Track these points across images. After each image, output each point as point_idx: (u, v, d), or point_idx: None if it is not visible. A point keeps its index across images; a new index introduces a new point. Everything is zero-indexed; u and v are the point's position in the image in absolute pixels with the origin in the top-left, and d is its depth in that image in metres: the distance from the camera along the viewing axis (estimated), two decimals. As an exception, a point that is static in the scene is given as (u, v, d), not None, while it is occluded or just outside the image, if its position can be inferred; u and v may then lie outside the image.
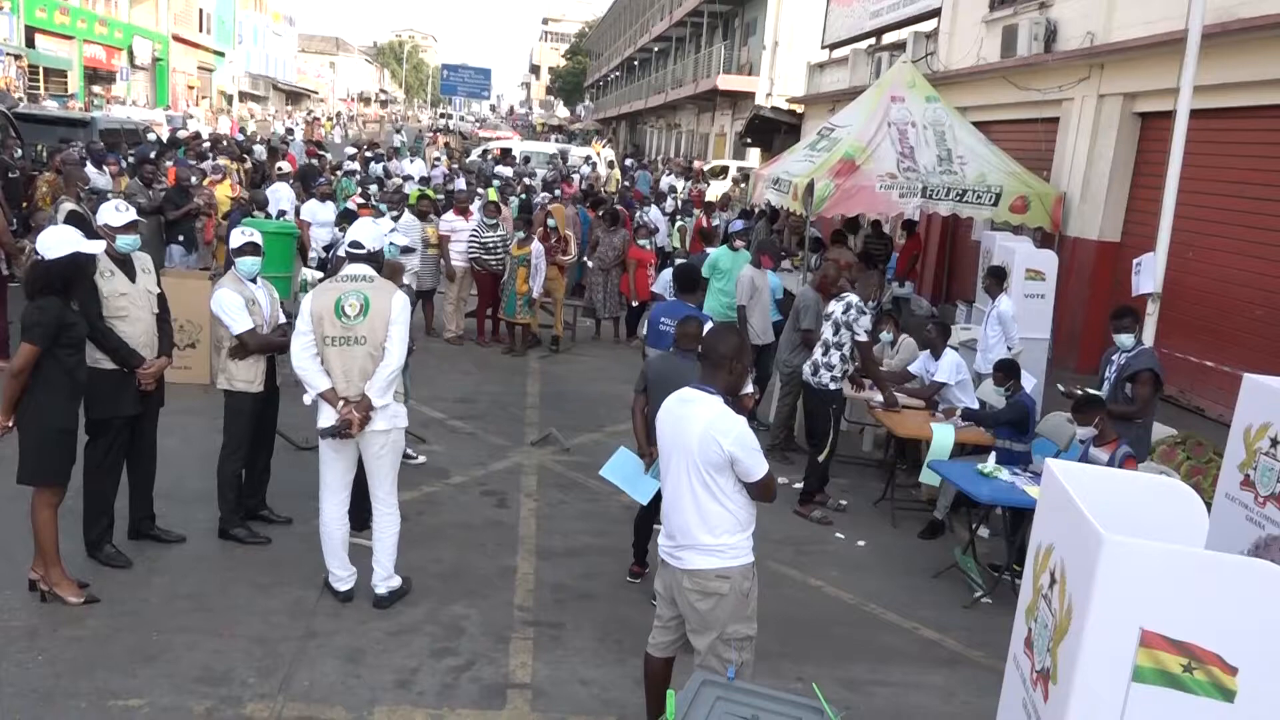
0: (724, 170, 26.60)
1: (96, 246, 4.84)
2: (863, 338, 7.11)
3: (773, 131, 24.68)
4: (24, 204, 10.67)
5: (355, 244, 4.97)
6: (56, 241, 4.59)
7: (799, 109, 23.69)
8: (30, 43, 32.47)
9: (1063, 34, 11.66)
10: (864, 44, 19.93)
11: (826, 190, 10.25)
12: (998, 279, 8.66)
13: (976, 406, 7.38)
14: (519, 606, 5.29)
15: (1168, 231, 7.24)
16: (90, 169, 12.07)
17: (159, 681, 4.27)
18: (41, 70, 33.61)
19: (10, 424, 4.55)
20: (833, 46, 21.88)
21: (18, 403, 4.53)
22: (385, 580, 5.09)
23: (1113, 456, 5.52)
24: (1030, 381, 7.44)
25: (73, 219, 7.76)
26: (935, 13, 15.94)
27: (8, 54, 29.85)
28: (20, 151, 12.63)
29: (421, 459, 7.28)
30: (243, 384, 5.50)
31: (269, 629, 4.78)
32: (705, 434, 3.58)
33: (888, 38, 19.07)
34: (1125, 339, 6.53)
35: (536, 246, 10.73)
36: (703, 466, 3.60)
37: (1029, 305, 9.26)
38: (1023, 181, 10.87)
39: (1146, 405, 6.35)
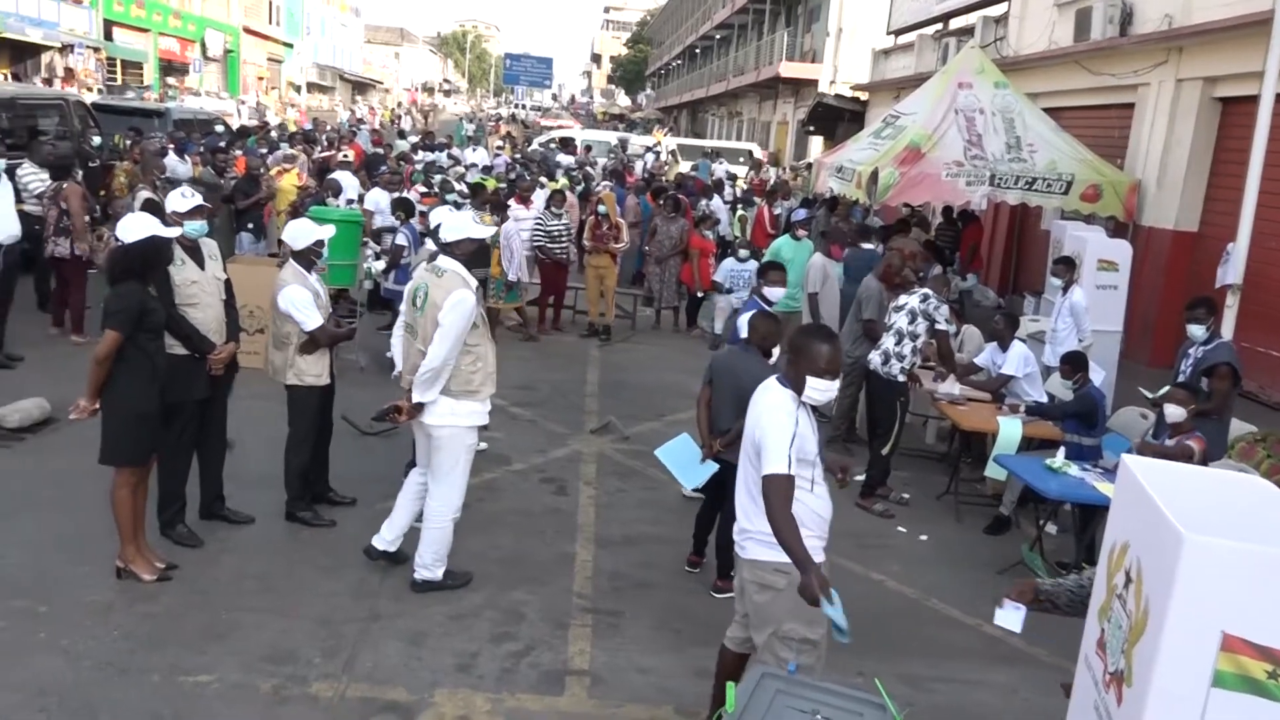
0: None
1: (173, 231, 4.97)
2: (943, 327, 7.04)
3: (836, 119, 24.39)
4: (101, 192, 10.99)
5: (432, 233, 5.06)
6: (135, 226, 4.73)
7: (863, 96, 23.36)
8: (108, 36, 33.42)
9: (1139, 16, 11.31)
10: (931, 29, 19.57)
11: (891, 178, 10.09)
12: (1070, 268, 8.46)
13: (1045, 400, 7.22)
14: (577, 594, 5.32)
15: (1249, 221, 7.01)
16: (172, 157, 12.45)
17: (228, 659, 4.37)
18: (119, 62, 34.57)
19: (96, 407, 4.69)
20: (898, 32, 21.53)
21: (102, 388, 4.66)
22: (422, 568, 5.11)
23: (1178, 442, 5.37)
24: (1100, 375, 7.25)
25: (149, 207, 7.97)
26: (1005, -4, 15.59)
27: (87, 46, 30.75)
28: (99, 141, 13.00)
29: (483, 445, 7.33)
30: (311, 378, 5.56)
31: (333, 610, 4.87)
32: (755, 418, 3.59)
33: (955, 23, 18.70)
34: (1196, 330, 6.33)
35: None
36: (751, 452, 3.60)
37: (1101, 296, 9.01)
38: (1095, 169, 10.58)
39: (1224, 400, 6.15)
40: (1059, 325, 8.34)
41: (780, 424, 3.47)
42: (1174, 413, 5.50)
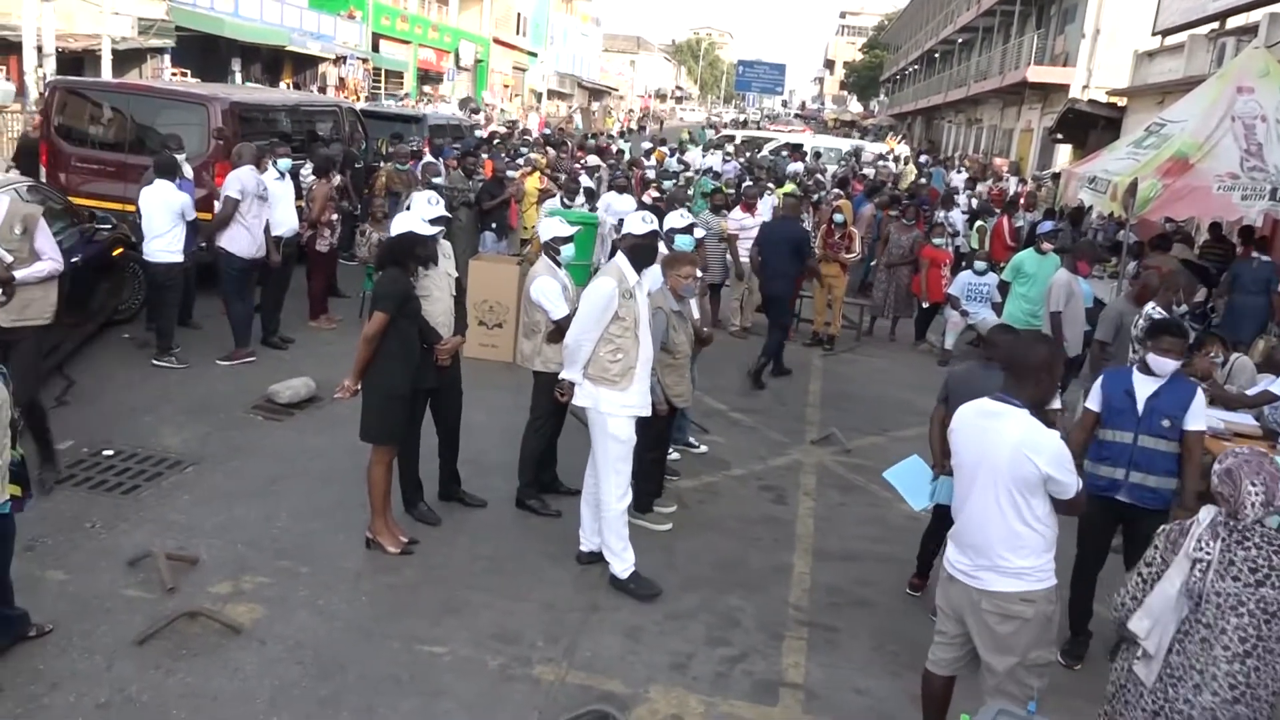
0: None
1: (428, 229, 5.35)
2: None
3: (1088, 127, 22.79)
4: (365, 191, 11.95)
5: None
6: (402, 223, 5.17)
7: (1120, 102, 21.72)
8: (375, 48, 36.39)
9: None
10: (1204, 29, 17.90)
11: (1152, 190, 9.28)
12: None
13: (1328, 442, 6.42)
14: (793, 605, 5.25)
15: None
16: (428, 159, 13.55)
17: (460, 633, 4.63)
18: (383, 72, 37.57)
19: (357, 388, 5.11)
20: (1166, 33, 19.83)
21: (366, 368, 5.07)
22: (609, 555, 5.19)
23: None
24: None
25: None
26: (1298, -9, 14.03)
27: (357, 58, 33.63)
28: (366, 144, 14.14)
29: (703, 448, 7.40)
30: (556, 365, 5.77)
31: (556, 597, 5.05)
32: (1016, 451, 3.40)
33: (1234, 21, 17.01)
34: None
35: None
36: (1014, 486, 3.42)
37: (1404, 329, 7.93)
38: (1403, 184, 9.30)
39: None
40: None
41: (1062, 450, 3.42)
42: None
